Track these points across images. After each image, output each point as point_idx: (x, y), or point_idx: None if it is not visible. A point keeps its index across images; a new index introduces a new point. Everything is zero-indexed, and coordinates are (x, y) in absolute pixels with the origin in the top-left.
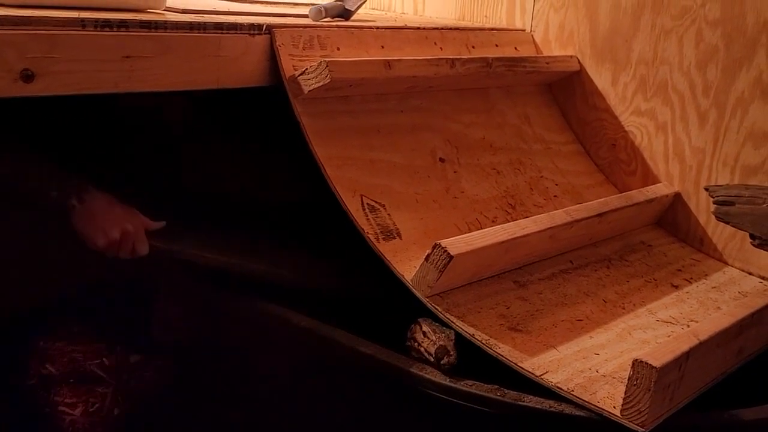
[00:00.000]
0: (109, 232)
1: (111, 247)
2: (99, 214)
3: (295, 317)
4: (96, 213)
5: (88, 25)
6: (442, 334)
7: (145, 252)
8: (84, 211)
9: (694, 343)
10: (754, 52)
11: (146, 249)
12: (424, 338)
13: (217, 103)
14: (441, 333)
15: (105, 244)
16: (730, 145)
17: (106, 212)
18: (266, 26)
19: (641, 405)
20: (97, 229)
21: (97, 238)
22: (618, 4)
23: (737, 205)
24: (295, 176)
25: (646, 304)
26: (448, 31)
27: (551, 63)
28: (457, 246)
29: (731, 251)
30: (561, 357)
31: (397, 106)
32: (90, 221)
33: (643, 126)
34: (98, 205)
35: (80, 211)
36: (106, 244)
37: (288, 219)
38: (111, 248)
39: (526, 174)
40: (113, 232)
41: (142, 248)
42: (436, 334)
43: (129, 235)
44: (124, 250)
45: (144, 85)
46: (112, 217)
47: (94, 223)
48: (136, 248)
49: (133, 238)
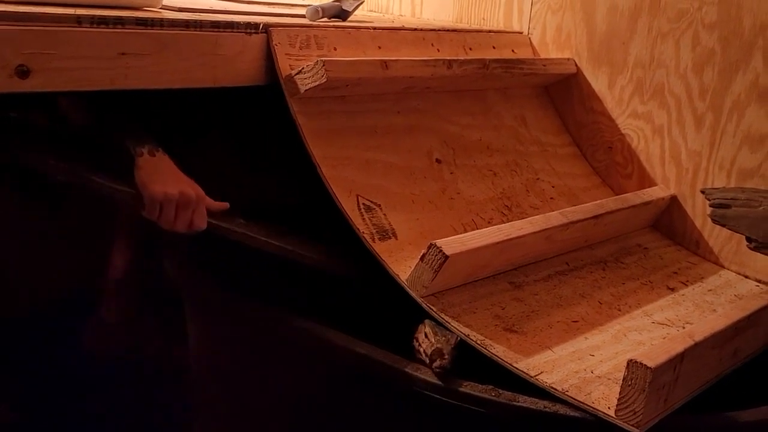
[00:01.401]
0: (168, 187)
1: (167, 202)
2: (165, 171)
3: (290, 317)
4: (162, 169)
5: (84, 22)
6: (443, 338)
7: (202, 226)
8: (151, 163)
9: (689, 344)
10: (751, 56)
11: (204, 223)
12: (425, 339)
13: (213, 101)
14: (441, 336)
15: (162, 195)
16: (726, 149)
17: (172, 172)
18: (263, 25)
19: (636, 406)
20: (158, 181)
21: (155, 188)
22: (615, 7)
23: (733, 208)
24: (291, 176)
25: (641, 306)
26: (446, 32)
27: (548, 65)
28: (453, 246)
29: (727, 254)
30: (556, 358)
31: (393, 106)
32: (154, 174)
33: (640, 129)
34: (166, 164)
35: (148, 162)
36: (163, 197)
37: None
38: (167, 204)
39: (522, 176)
40: (172, 188)
41: (201, 221)
42: (436, 336)
43: (189, 200)
44: (182, 220)
45: (140, 83)
46: (175, 178)
47: (157, 176)
48: (195, 221)
49: (193, 206)
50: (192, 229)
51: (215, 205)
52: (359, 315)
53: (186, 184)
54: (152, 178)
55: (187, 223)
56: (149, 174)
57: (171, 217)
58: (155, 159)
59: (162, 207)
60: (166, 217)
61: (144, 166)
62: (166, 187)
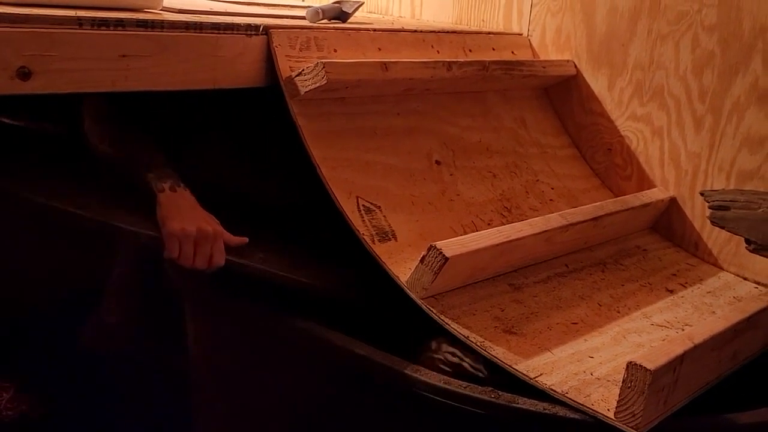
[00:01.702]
0: (186, 224)
1: (185, 238)
2: (184, 207)
3: (290, 318)
4: (181, 206)
5: (85, 24)
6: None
7: (221, 263)
8: (171, 200)
9: (689, 346)
10: (750, 58)
11: (223, 260)
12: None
13: (213, 103)
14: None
15: (180, 232)
16: (725, 151)
17: (191, 208)
18: (263, 27)
19: (635, 408)
20: (177, 218)
21: (174, 225)
22: (615, 9)
23: (732, 210)
24: (291, 177)
25: (640, 308)
26: (445, 34)
27: (548, 67)
28: (453, 248)
29: (726, 256)
30: (555, 360)
31: (393, 108)
32: (173, 211)
33: (639, 131)
34: (186, 201)
35: (168, 198)
36: (181, 233)
37: (284, 220)
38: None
39: (522, 177)
40: (190, 225)
41: (219, 258)
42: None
43: (206, 235)
44: (201, 256)
45: (140, 85)
46: (194, 214)
47: (176, 213)
48: (214, 257)
49: (212, 242)
50: (212, 266)
51: (234, 240)
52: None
53: (204, 220)
54: (171, 215)
55: (206, 259)
56: (169, 211)
57: (190, 253)
58: (176, 195)
59: (181, 244)
60: (186, 255)
61: (164, 203)
62: (184, 223)
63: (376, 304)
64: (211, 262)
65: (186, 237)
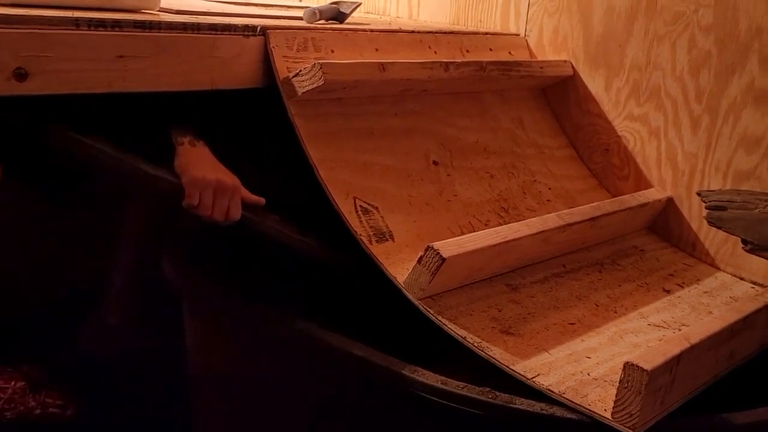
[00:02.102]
0: (207, 173)
1: (206, 187)
2: (204, 160)
3: (288, 319)
4: (201, 158)
5: (81, 25)
6: None
7: (237, 217)
8: (192, 152)
9: (686, 346)
10: (747, 58)
11: (239, 214)
12: None
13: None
14: None
15: (201, 180)
16: (722, 151)
17: (211, 161)
18: (260, 28)
19: (632, 408)
20: (197, 168)
21: (195, 173)
22: (612, 10)
23: (729, 210)
24: (288, 178)
25: (637, 309)
26: (443, 35)
27: (545, 67)
28: (450, 248)
29: (723, 256)
30: (553, 360)
31: (391, 108)
32: (194, 162)
33: (636, 131)
34: (205, 154)
35: (188, 150)
36: (202, 181)
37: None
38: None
39: (519, 178)
40: (210, 175)
41: (236, 212)
42: None
43: (226, 188)
44: (220, 207)
45: (138, 86)
46: (214, 166)
47: (197, 164)
48: (231, 210)
49: (230, 194)
50: (228, 219)
51: (251, 198)
52: (357, 315)
53: (223, 173)
54: (192, 164)
55: (224, 211)
56: (189, 161)
57: (209, 203)
58: (195, 149)
59: (201, 193)
60: (205, 203)
61: (184, 154)
62: (204, 173)
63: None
64: (228, 215)
65: (206, 185)
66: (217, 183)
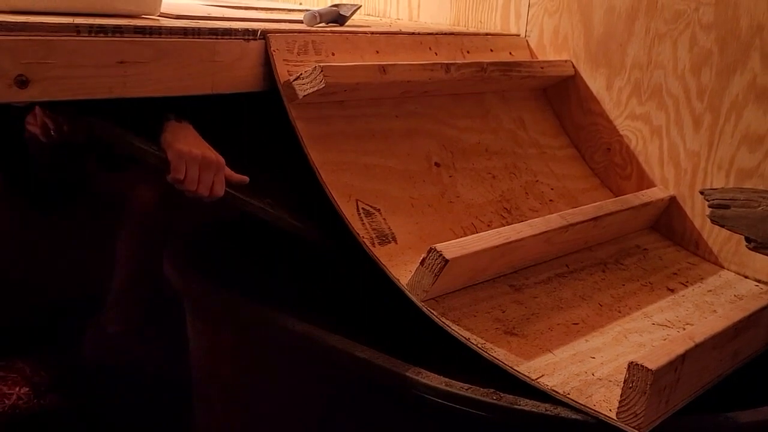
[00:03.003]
0: (192, 148)
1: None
2: (189, 135)
3: (291, 322)
4: (188, 134)
5: (82, 31)
6: None
7: (220, 193)
8: (177, 128)
9: (690, 345)
10: (748, 56)
11: (222, 190)
12: None
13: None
14: None
15: (187, 153)
16: (724, 149)
17: (195, 137)
18: (261, 32)
19: (637, 408)
20: (183, 142)
21: (181, 146)
22: (612, 9)
23: (732, 208)
24: (290, 181)
25: (641, 308)
26: (443, 36)
27: (546, 67)
28: (453, 250)
29: (727, 254)
30: (557, 360)
31: (392, 110)
32: (180, 137)
33: (638, 130)
34: (190, 131)
35: (174, 126)
36: (188, 154)
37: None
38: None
39: (521, 178)
40: (196, 150)
41: (220, 188)
42: None
43: (211, 162)
44: (205, 182)
45: (139, 91)
46: (199, 142)
47: (183, 139)
48: (215, 187)
49: (215, 170)
50: (212, 195)
51: (235, 177)
52: (360, 317)
53: (208, 148)
54: (177, 139)
55: (209, 186)
56: (175, 136)
57: (195, 177)
58: (181, 125)
59: (187, 166)
60: (191, 177)
61: (170, 129)
62: (190, 147)
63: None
64: (212, 191)
65: (192, 159)
66: (203, 157)
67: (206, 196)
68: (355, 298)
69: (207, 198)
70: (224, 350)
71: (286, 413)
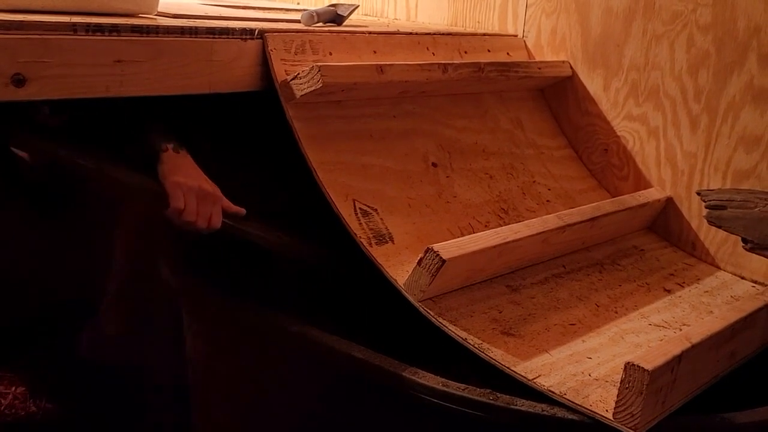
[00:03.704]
0: (189, 180)
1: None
2: (187, 167)
3: (288, 322)
4: (184, 166)
5: (79, 30)
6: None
7: (218, 225)
8: (175, 159)
9: (686, 346)
10: (745, 57)
11: (219, 222)
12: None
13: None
14: None
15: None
16: (721, 150)
17: (193, 169)
18: (258, 31)
19: (633, 408)
20: (181, 174)
21: (178, 179)
22: (610, 10)
23: (729, 209)
24: (287, 181)
25: (638, 309)
26: (441, 36)
27: (543, 68)
28: (450, 250)
29: (723, 255)
30: (554, 361)
31: (389, 110)
32: (177, 169)
33: (635, 131)
34: (188, 162)
35: (171, 157)
36: (186, 187)
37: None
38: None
39: (518, 179)
40: (193, 182)
41: (217, 220)
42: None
43: (208, 195)
44: (203, 214)
45: (136, 90)
46: (196, 174)
47: (180, 170)
48: (212, 218)
49: (212, 202)
50: (210, 227)
51: (232, 208)
52: (357, 317)
53: (205, 180)
54: (174, 171)
55: (207, 218)
56: (171, 168)
57: (194, 208)
58: (179, 156)
59: (185, 197)
60: (190, 209)
61: (167, 161)
62: (187, 179)
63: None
64: (210, 223)
65: (189, 190)
66: (200, 189)
67: (204, 228)
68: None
69: (205, 230)
70: (222, 351)
71: (284, 413)
